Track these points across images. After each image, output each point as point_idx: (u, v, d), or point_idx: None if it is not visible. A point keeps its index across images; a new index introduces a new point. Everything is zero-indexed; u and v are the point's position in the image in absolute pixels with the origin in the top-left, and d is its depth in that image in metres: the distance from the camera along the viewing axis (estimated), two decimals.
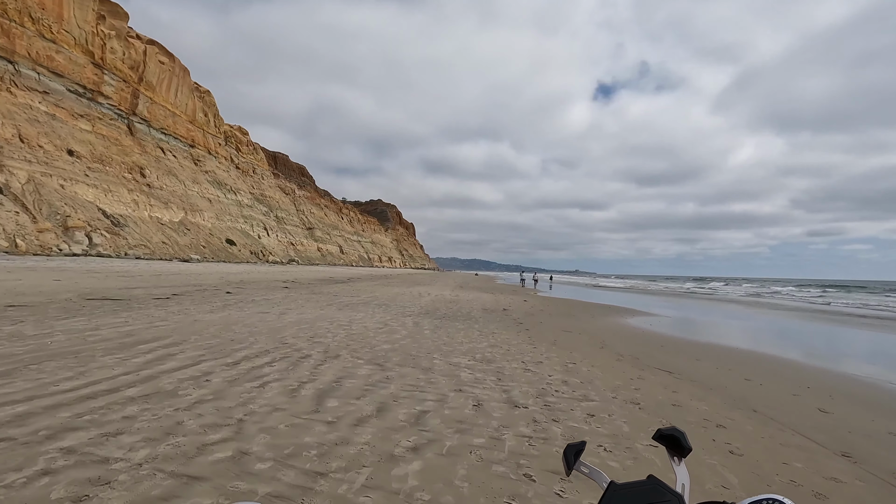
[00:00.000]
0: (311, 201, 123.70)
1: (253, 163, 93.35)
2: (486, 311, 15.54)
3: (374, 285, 28.06)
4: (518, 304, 19.64)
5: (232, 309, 10.94)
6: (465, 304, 17.32)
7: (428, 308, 14.69)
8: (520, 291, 32.71)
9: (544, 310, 17.56)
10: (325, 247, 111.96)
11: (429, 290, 25.09)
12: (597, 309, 19.57)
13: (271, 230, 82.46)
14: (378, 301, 16.01)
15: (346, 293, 19.30)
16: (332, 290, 20.51)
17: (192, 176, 65.32)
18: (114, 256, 35.41)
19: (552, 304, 21.17)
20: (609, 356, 8.23)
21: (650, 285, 70.30)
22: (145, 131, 59.46)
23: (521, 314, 15.17)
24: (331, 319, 10.22)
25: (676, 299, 32.28)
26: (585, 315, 16.62)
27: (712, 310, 23.15)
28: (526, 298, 23.42)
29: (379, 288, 24.96)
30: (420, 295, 21.01)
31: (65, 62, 46.97)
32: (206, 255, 52.77)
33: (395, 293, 21.32)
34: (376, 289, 24.24)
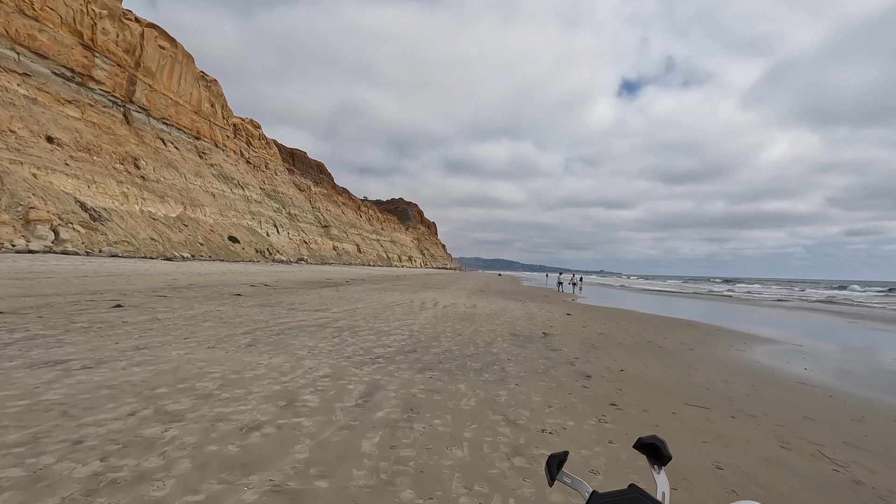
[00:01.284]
0: (327, 198, 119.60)
1: (265, 157, 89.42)
2: (517, 336, 9.50)
3: (372, 290, 22.29)
4: (559, 320, 13.45)
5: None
6: (484, 323, 11.26)
7: (421, 335, 8.72)
8: (553, 297, 26.43)
9: (604, 332, 11.31)
10: (342, 245, 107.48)
11: (438, 298, 19.14)
12: (679, 329, 13.18)
13: (282, 227, 78.09)
14: (349, 320, 10.14)
15: (317, 303, 13.53)
16: (303, 299, 14.79)
17: (196, 169, 61.26)
18: (82, 254, 30.76)
19: (606, 318, 14.89)
20: None
21: (697, 287, 62.51)
22: (143, 121, 55.56)
23: (574, 344, 9.06)
24: (171, 386, 4.28)
25: (759, 309, 25.32)
26: (674, 342, 10.30)
27: (839, 327, 16.30)
28: (568, 311, 17.15)
29: (373, 294, 19.13)
30: (423, 306, 15.07)
31: (49, 42, 43.06)
32: (203, 253, 48.25)
33: (389, 302, 15.45)
34: (369, 295, 18.43)
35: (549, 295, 29.01)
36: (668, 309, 23.43)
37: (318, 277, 32.08)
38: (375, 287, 25.07)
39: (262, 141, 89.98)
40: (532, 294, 28.54)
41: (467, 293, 24.49)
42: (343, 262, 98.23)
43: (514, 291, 30.25)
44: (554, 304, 20.17)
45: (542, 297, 25.70)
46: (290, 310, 11.57)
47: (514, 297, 23.27)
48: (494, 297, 23.13)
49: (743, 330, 13.91)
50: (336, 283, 27.65)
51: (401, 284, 30.34)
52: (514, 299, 22.02)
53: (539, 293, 30.35)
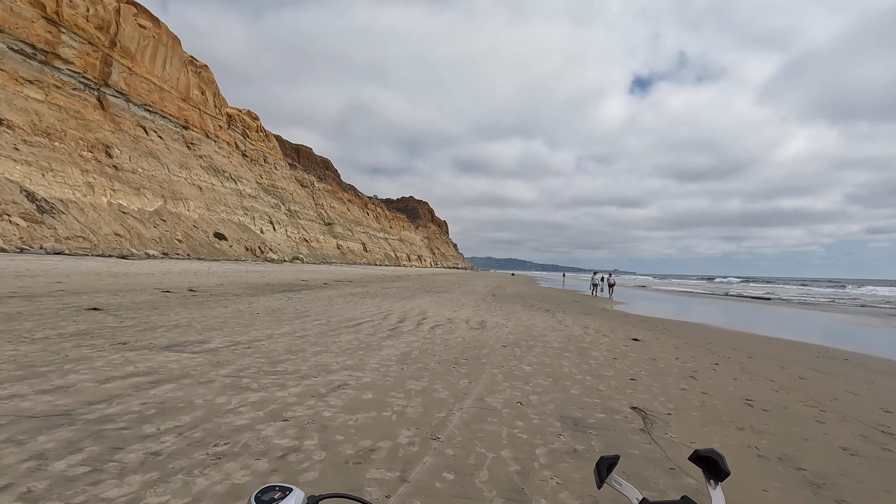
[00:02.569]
0: (332, 195, 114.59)
1: (264, 151, 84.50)
2: (584, 430, 3.38)
3: (345, 297, 16.49)
4: (632, 354, 7.35)
5: None
6: (500, 375, 5.15)
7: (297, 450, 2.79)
8: (584, 302, 20.37)
9: (752, 392, 5.12)
10: (346, 244, 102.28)
11: (431, 309, 13.22)
12: (845, 371, 6.99)
13: (279, 224, 72.95)
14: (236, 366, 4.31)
15: (201, 329, 7.70)
16: (192, 318, 8.99)
17: (181, 160, 56.29)
18: (11, 250, 25.54)
19: (696, 343, 8.75)
20: None
21: (727, 288, 55.64)
22: (122, 106, 50.70)
23: (742, 456, 2.90)
24: None
25: (860, 318, 18.86)
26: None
27: None
28: (633, 334, 11.10)
29: (335, 306, 13.29)
30: (396, 328, 9.10)
31: (5, 14, 38.23)
32: (181, 250, 43.07)
33: (345, 320, 9.56)
34: (329, 307, 12.62)
35: (580, 300, 22.90)
36: (745, 321, 17.16)
37: (291, 279, 26.39)
38: (354, 292, 19.27)
39: (261, 133, 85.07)
40: (557, 299, 22.48)
41: (475, 299, 18.54)
42: (347, 261, 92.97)
43: (534, 296, 24.22)
44: (596, 318, 14.13)
45: (571, 304, 19.64)
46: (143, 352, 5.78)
47: (537, 306, 17.25)
48: (510, 304, 17.14)
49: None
50: (310, 285, 21.92)
51: (393, 287, 24.50)
52: (539, 308, 16.01)
53: (564, 298, 24.29)
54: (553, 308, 16.83)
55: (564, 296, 26.78)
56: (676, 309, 21.85)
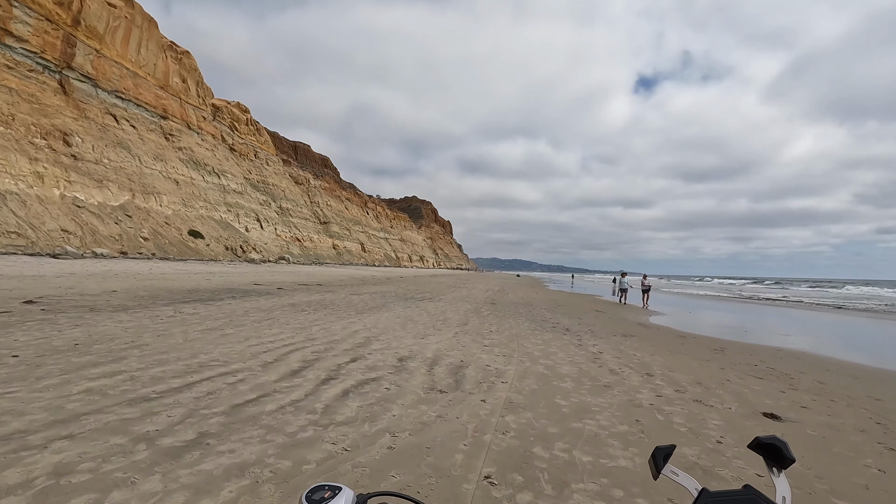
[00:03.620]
0: (329, 193, 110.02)
1: (254, 145, 80.00)
2: None
3: (287, 307, 11.60)
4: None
5: None
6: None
7: None
8: (615, 315, 15.37)
9: None
10: (343, 244, 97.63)
11: (388, 332, 8.26)
12: None
13: (268, 222, 68.35)
14: None
15: None
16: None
17: (157, 152, 51.78)
18: None
19: (833, 395, 3.80)
20: None
21: (754, 289, 50.27)
22: (88, 92, 46.24)
23: None
24: None
25: None
26: None
27: None
28: (774, 412, 6.00)
29: (249, 323, 8.38)
30: (248, 406, 4.14)
31: None
32: (147, 249, 38.47)
33: (210, 361, 4.60)
34: (226, 329, 7.71)
35: (603, 309, 17.85)
36: (860, 341, 12.04)
37: (241, 282, 21.53)
38: (301, 302, 14.41)
39: (251, 127, 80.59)
40: (574, 308, 17.45)
41: (465, 312, 13.59)
42: (342, 261, 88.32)
43: (544, 303, 19.22)
44: (646, 344, 9.17)
45: (595, 315, 14.64)
46: None
47: (550, 320, 12.26)
48: (514, 317, 12.17)
49: None
50: (253, 292, 17.09)
51: (367, 293, 19.61)
52: (554, 326, 11.02)
53: (582, 305, 19.28)
54: (574, 324, 11.84)
55: (581, 302, 21.75)
56: (734, 321, 16.78)
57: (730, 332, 12.94)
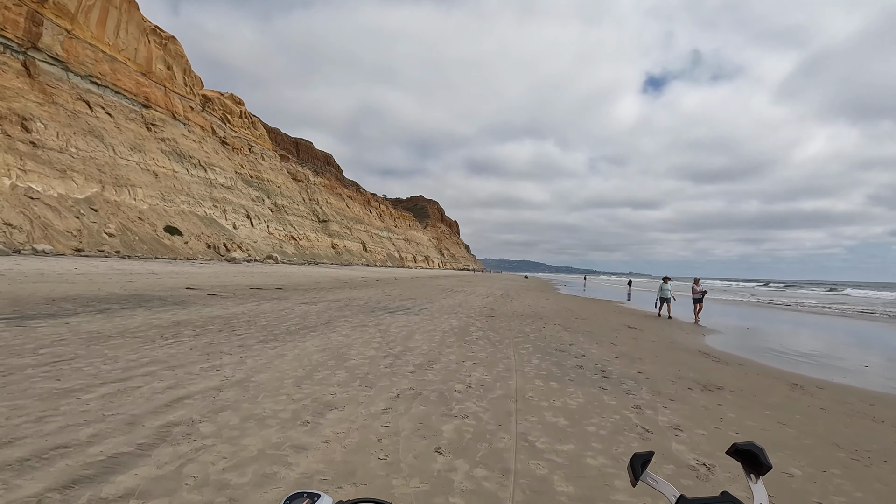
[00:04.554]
0: (329, 190, 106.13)
1: (248, 139, 76.23)
2: None
3: (170, 329, 7.24)
4: None
5: None
6: None
7: None
8: (665, 335, 10.85)
9: None
10: (343, 243, 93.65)
11: (230, 413, 3.88)
12: None
13: (259, 219, 64.44)
14: None
15: None
16: None
17: (135, 142, 48.00)
18: None
19: None
20: None
21: (791, 296, 45.00)
22: (58, 75, 42.53)
23: None
24: None
25: None
26: None
27: None
28: None
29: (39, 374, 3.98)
30: None
31: None
32: (112, 246, 34.55)
33: None
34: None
35: (639, 325, 13.29)
36: None
37: (173, 285, 17.17)
38: (216, 316, 10.12)
39: (245, 119, 76.85)
40: (598, 323, 12.93)
41: (448, 329, 9.15)
42: (342, 261, 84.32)
43: (557, 314, 14.71)
44: (759, 406, 4.62)
45: (631, 338, 10.13)
46: None
47: (574, 353, 7.74)
48: (518, 350, 7.61)
49: None
50: (173, 299, 12.81)
51: (327, 301, 15.26)
52: (584, 371, 6.50)
53: (608, 317, 14.76)
54: (611, 359, 7.35)
55: (604, 313, 17.16)
56: (817, 342, 12.15)
57: (842, 367, 8.37)
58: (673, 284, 16.93)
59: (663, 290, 16.66)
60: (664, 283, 16.77)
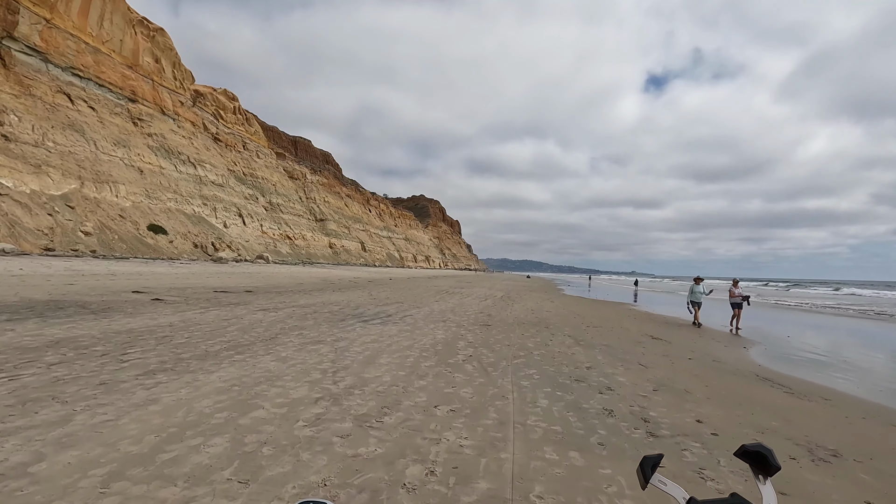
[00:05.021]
0: (327, 189, 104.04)
1: (242, 136, 74.17)
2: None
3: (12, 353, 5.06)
4: None
5: None
6: None
7: None
8: (696, 350, 8.64)
9: None
10: (341, 242, 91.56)
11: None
12: None
13: (252, 217, 62.37)
14: None
15: None
16: None
17: (120, 137, 45.98)
18: None
19: None
20: None
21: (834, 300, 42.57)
22: (36, 67, 40.52)
23: None
24: None
25: None
26: None
27: None
28: None
29: None
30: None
31: None
32: (87, 245, 32.50)
33: None
34: None
35: (664, 335, 11.06)
36: None
37: (114, 289, 15.01)
38: (136, 328, 7.93)
39: (239, 116, 74.79)
40: (616, 333, 10.71)
41: (429, 346, 6.94)
42: (339, 261, 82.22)
43: (568, 321, 12.48)
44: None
45: (660, 353, 7.88)
46: None
47: (593, 381, 5.51)
48: (517, 378, 5.42)
49: None
50: (100, 307, 10.68)
51: (298, 306, 13.08)
52: (612, 418, 4.35)
53: (625, 327, 12.54)
54: (647, 392, 5.13)
55: (619, 318, 14.91)
56: (867, 357, 9.90)
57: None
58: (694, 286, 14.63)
59: (695, 292, 14.08)
60: (696, 285, 14.30)
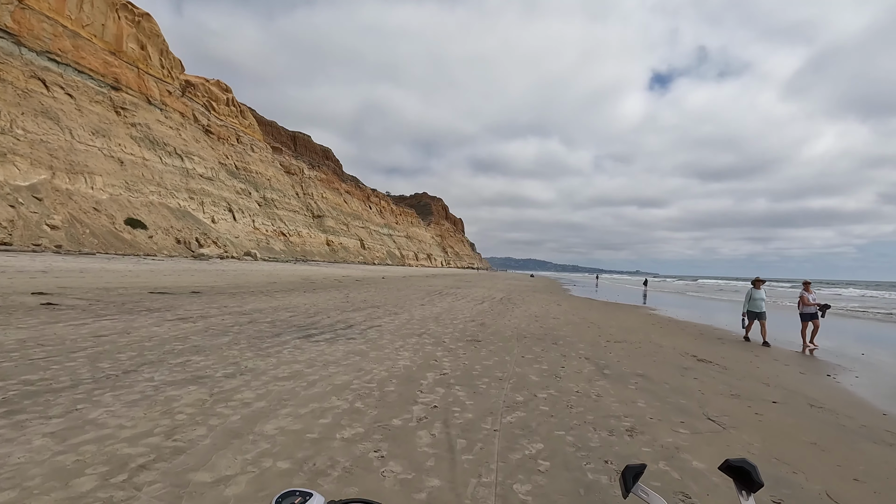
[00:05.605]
0: (325, 185, 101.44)
1: (236, 128, 71.59)
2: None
3: None
4: None
5: None
6: None
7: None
8: (776, 382, 5.98)
9: None
10: (339, 240, 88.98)
11: None
12: None
13: (244, 213, 59.81)
14: None
15: None
16: None
17: (99, 126, 43.45)
18: None
19: None
20: None
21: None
22: (8, 50, 38.06)
23: None
24: None
25: None
26: None
27: None
28: None
29: None
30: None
31: None
32: (52, 240, 29.95)
33: None
34: None
35: (715, 357, 8.28)
36: None
37: (14, 289, 12.40)
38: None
39: (233, 108, 72.21)
40: (649, 352, 7.96)
41: (384, 377, 4.17)
42: (336, 259, 79.63)
43: (581, 332, 9.73)
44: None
45: (724, 393, 5.13)
46: None
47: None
48: (514, 478, 2.78)
49: None
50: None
51: (228, 312, 10.34)
52: None
53: (653, 340, 9.78)
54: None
55: (643, 327, 12.11)
56: None
57: None
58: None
59: (754, 299, 10.45)
60: (755, 290, 10.62)
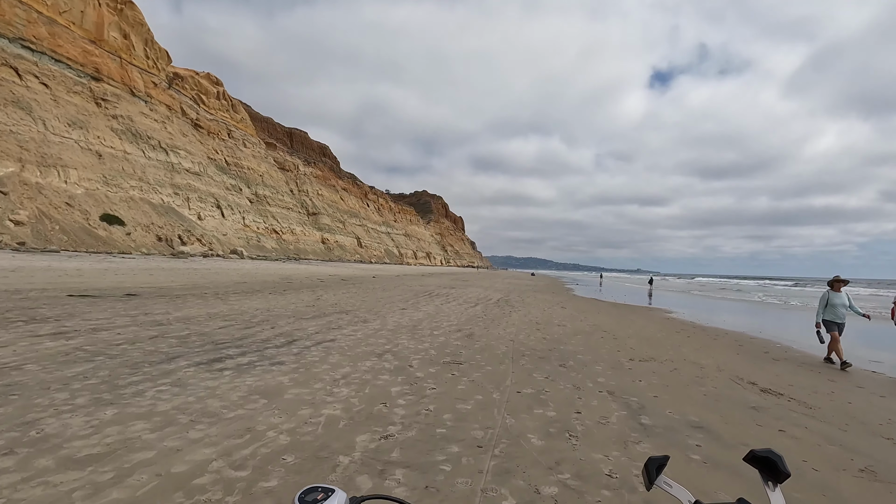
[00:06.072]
0: (321, 181, 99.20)
1: (227, 123, 69.37)
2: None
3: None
4: None
5: None
6: None
7: None
8: None
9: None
10: (334, 238, 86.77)
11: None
12: None
13: (233, 209, 57.61)
14: None
15: None
16: None
17: (76, 117, 41.26)
18: None
19: None
20: None
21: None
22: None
23: None
24: None
25: None
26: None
27: None
28: None
29: None
30: None
31: None
32: (12, 236, 27.78)
33: None
34: None
35: (772, 378, 6.07)
36: None
37: None
38: None
39: (224, 102, 69.96)
40: (691, 376, 5.74)
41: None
42: (333, 257, 77.43)
43: (594, 343, 7.53)
44: None
45: (872, 498, 2.96)
46: None
47: None
48: None
49: None
50: None
51: (136, 323, 8.06)
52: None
53: (688, 358, 7.58)
54: None
55: (668, 338, 9.86)
56: None
57: None
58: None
59: (834, 305, 7.66)
60: (833, 293, 7.75)
